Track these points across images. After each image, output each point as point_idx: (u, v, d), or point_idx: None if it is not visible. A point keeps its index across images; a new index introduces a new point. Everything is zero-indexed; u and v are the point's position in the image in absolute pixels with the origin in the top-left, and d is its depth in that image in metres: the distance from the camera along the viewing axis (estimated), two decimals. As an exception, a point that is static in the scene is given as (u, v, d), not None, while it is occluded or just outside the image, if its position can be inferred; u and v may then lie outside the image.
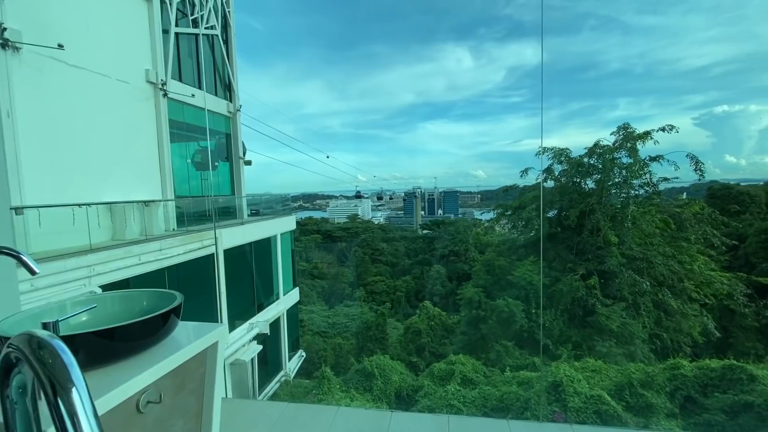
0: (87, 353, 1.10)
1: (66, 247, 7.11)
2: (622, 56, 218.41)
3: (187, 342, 1.34)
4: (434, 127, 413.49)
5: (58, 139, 7.73)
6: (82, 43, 8.26)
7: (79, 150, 8.16)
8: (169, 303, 1.34)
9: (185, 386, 1.33)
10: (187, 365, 1.32)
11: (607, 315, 14.72)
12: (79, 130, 8.14)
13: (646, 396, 8.83)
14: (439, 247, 48.78)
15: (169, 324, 1.32)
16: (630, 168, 16.85)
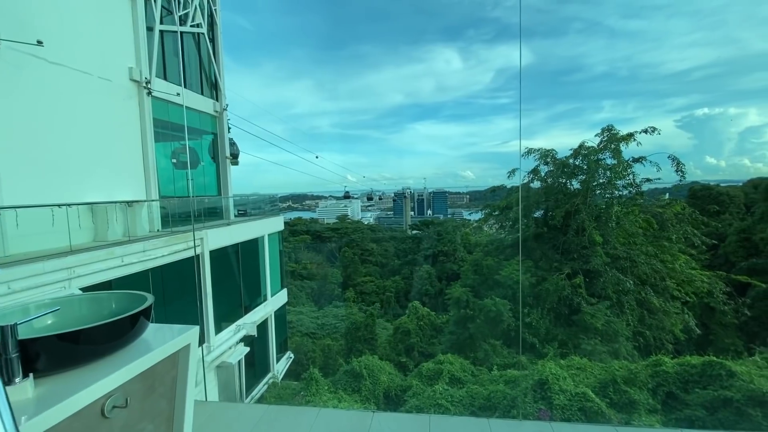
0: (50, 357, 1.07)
1: (45, 249, 6.94)
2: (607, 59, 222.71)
3: (156, 344, 1.31)
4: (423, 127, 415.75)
5: (37, 137, 7.53)
6: (63, 40, 8.07)
7: (60, 149, 7.97)
8: (138, 305, 1.32)
9: (155, 389, 1.31)
10: (158, 368, 1.29)
11: (592, 313, 14.96)
12: (59, 128, 7.94)
13: (629, 392, 8.99)
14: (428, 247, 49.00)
15: (138, 326, 1.29)
16: (614, 169, 17.18)
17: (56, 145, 7.89)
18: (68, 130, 8.14)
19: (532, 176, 19.82)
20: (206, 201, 12.70)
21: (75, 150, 8.32)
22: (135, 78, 10.00)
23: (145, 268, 8.55)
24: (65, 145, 8.07)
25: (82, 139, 8.45)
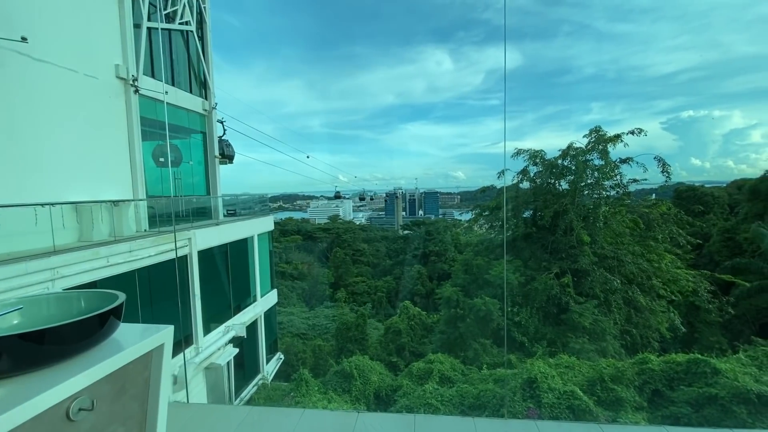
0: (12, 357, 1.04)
1: (28, 249, 6.79)
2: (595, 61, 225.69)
3: (127, 345, 1.28)
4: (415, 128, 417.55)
5: (20, 135, 7.37)
6: (48, 37, 7.91)
7: (44, 147, 7.81)
8: (109, 303, 1.28)
9: (126, 391, 1.27)
10: (128, 369, 1.26)
11: (580, 312, 15.14)
12: (43, 126, 7.78)
13: (616, 390, 9.11)
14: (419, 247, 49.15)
15: (107, 326, 1.26)
16: (601, 169, 17.41)
17: (40, 144, 7.73)
18: (53, 128, 7.98)
19: (521, 177, 19.99)
20: (194, 201, 12.55)
21: (60, 148, 8.15)
22: (122, 75, 9.84)
23: (131, 268, 8.42)
24: (50, 143, 7.91)
25: (67, 138, 8.29)
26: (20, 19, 7.24)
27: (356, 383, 11.56)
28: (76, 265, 6.99)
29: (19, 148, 7.34)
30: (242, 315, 13.15)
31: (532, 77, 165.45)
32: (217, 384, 11.64)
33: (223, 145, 14.11)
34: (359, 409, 5.71)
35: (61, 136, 8.15)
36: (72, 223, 7.98)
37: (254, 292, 14.34)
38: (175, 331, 6.20)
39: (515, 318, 15.92)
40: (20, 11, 7.32)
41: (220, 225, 12.20)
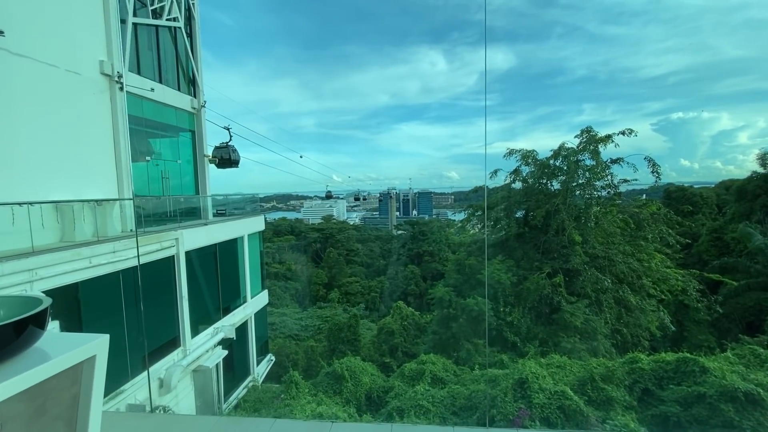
0: None
1: (5, 250, 6.58)
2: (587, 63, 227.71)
3: (48, 357, 1.13)
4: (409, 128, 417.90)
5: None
6: (28, 31, 7.69)
7: (23, 145, 7.58)
8: (29, 310, 1.14)
9: (47, 411, 1.13)
10: (50, 384, 1.11)
11: (572, 312, 15.18)
12: (22, 122, 7.56)
13: (607, 390, 9.11)
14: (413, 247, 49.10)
15: (25, 335, 1.11)
16: (592, 170, 17.49)
17: (19, 141, 7.50)
18: (32, 124, 7.76)
19: (513, 177, 20.01)
20: (182, 200, 12.33)
21: (39, 145, 7.92)
22: (106, 72, 9.62)
23: (115, 269, 8.23)
24: (28, 140, 7.68)
25: (47, 134, 8.06)
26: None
27: (347, 385, 11.44)
28: (55, 267, 6.79)
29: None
30: (232, 316, 12.96)
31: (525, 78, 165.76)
32: (205, 387, 11.44)
33: (230, 150, 13.92)
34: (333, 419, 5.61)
35: (40, 133, 7.92)
36: (52, 223, 7.76)
37: (244, 293, 14.15)
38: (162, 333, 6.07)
39: (507, 318, 15.92)
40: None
41: (209, 225, 12.00)
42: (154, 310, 9.62)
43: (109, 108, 9.76)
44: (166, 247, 9.87)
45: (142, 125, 11.20)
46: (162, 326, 9.87)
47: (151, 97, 11.20)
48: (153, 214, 10.97)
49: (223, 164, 13.91)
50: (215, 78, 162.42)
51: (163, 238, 9.75)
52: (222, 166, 13.95)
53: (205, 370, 11.04)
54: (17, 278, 6.20)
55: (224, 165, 13.94)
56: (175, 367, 9.76)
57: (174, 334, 10.20)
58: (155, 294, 9.71)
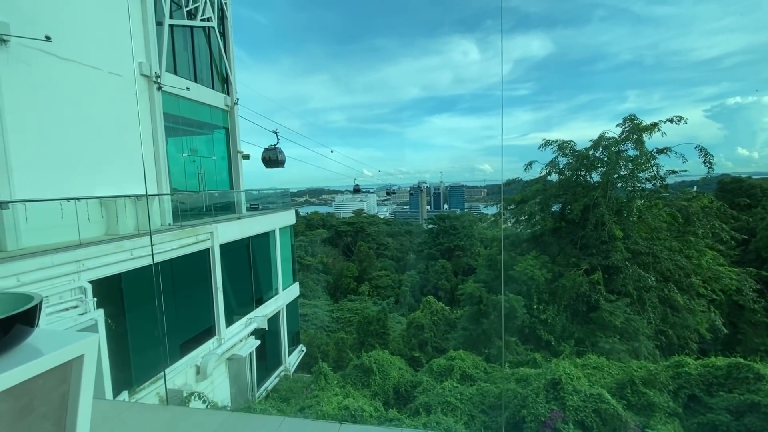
0: None
1: (56, 242, 7.06)
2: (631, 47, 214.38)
3: (35, 355, 1.14)
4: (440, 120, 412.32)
5: (48, 133, 7.65)
6: (73, 36, 8.16)
7: (71, 144, 8.09)
8: (19, 307, 1.15)
9: (34, 410, 1.13)
10: (37, 383, 1.12)
11: (611, 311, 14.43)
12: (70, 123, 8.06)
13: (648, 394, 8.60)
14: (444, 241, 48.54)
15: (12, 333, 1.12)
16: (636, 161, 16.42)
17: (67, 140, 8.01)
18: (79, 125, 8.25)
19: (549, 169, 19.20)
20: (216, 195, 12.77)
21: (86, 145, 8.43)
22: (145, 73, 10.08)
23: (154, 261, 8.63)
24: (76, 139, 8.18)
25: (92, 134, 8.56)
26: (45, 19, 7.47)
27: (375, 378, 11.49)
28: (100, 258, 7.22)
29: (47, 145, 7.62)
30: (264, 307, 13.35)
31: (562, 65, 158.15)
32: (239, 375, 11.89)
33: (277, 152, 14.70)
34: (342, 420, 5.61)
35: (87, 133, 8.41)
36: (97, 217, 8.24)
37: (276, 285, 14.53)
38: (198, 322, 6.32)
39: (541, 316, 15.38)
40: (45, 11, 7.55)
41: (242, 219, 12.37)
42: (191, 300, 10.06)
43: (148, 107, 10.22)
44: (202, 240, 10.27)
45: (179, 123, 11.66)
46: (198, 316, 10.32)
47: (187, 95, 11.63)
48: (190, 209, 11.45)
49: (271, 164, 14.78)
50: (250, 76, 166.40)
51: (199, 231, 10.15)
52: (269, 166, 14.83)
53: (239, 359, 11.46)
54: (66, 269, 6.65)
55: (271, 165, 14.80)
56: (211, 355, 10.19)
57: (210, 323, 10.64)
58: (192, 285, 10.15)
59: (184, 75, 11.68)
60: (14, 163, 6.95)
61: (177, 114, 11.52)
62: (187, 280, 9.90)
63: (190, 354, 9.70)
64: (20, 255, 6.16)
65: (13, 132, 6.95)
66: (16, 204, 6.66)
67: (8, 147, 6.87)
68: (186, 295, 9.80)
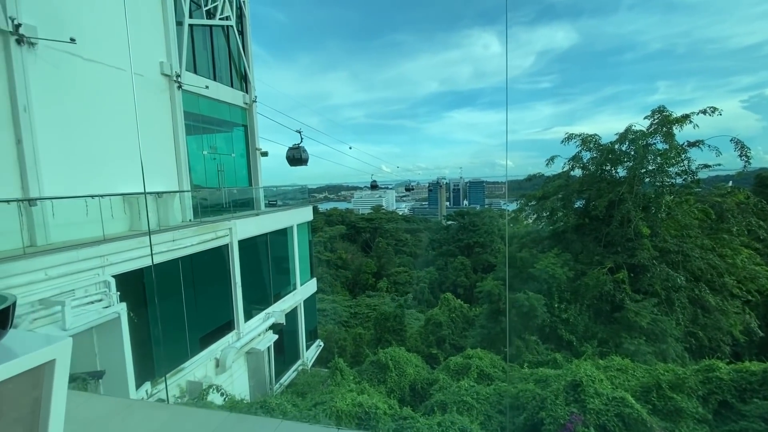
0: None
1: (80, 238, 7.32)
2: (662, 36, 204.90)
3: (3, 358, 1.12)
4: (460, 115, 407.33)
5: (74, 132, 7.92)
6: (97, 38, 8.39)
7: (96, 143, 8.35)
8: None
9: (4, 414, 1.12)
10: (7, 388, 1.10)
11: (637, 311, 13.90)
12: (94, 123, 8.31)
13: (675, 399, 8.24)
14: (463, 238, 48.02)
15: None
16: (665, 154, 15.68)
17: (93, 139, 8.27)
18: (103, 124, 8.50)
19: (572, 163, 18.61)
20: (235, 192, 12.98)
21: (110, 143, 8.68)
22: (166, 72, 10.29)
23: (174, 256, 8.85)
24: (101, 138, 8.44)
25: (116, 133, 8.80)
26: (70, 22, 7.70)
27: (391, 375, 11.47)
28: (123, 253, 7.44)
29: (73, 143, 7.88)
30: (282, 302, 13.53)
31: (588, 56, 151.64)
32: (258, 368, 12.11)
33: (301, 151, 15.18)
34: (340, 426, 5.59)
35: (111, 132, 8.66)
36: (120, 213, 8.49)
37: (294, 280, 14.69)
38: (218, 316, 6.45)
39: (562, 315, 14.98)
40: (70, 14, 7.78)
41: (260, 215, 12.53)
42: (211, 294, 10.28)
43: (169, 106, 10.45)
44: (221, 236, 10.45)
45: (199, 121, 11.89)
46: (218, 310, 10.54)
47: (206, 94, 11.83)
48: (210, 206, 11.68)
49: (295, 163, 15.28)
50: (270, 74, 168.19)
51: (218, 227, 10.33)
52: (293, 164, 15.33)
53: (258, 353, 11.65)
54: (91, 263, 6.88)
55: (295, 163, 15.29)
56: (230, 349, 10.40)
57: (229, 317, 10.86)
58: (211, 280, 10.36)
59: (203, 74, 11.88)
60: (43, 162, 7.23)
61: (197, 112, 11.74)
62: (207, 275, 10.12)
63: (210, 347, 9.93)
64: (48, 250, 6.41)
65: (42, 132, 7.22)
66: (44, 201, 6.93)
67: (37, 146, 7.15)
68: (206, 290, 10.01)
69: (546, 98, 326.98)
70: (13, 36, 6.65)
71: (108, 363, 6.95)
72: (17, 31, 6.73)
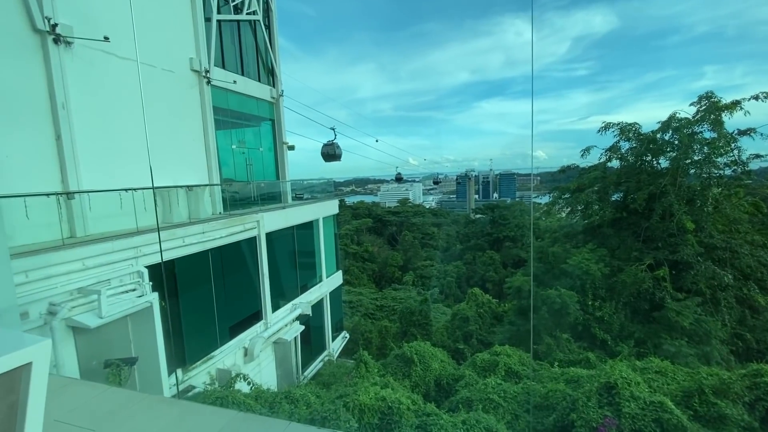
0: None
1: (115, 230, 7.63)
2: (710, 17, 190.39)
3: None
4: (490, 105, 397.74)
5: (109, 127, 8.23)
6: (129, 35, 8.64)
7: (129, 138, 8.64)
8: None
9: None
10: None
11: (679, 310, 13.09)
12: (128, 118, 8.60)
13: (719, 405, 7.69)
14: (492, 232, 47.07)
15: None
16: (713, 144, 14.56)
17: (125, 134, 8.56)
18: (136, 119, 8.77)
19: (609, 154, 17.68)
20: (263, 185, 13.19)
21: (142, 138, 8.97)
22: (195, 68, 10.51)
23: (204, 248, 9.09)
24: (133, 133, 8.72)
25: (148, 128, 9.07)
26: (104, 21, 7.96)
27: (416, 369, 11.38)
28: (155, 245, 7.69)
29: (109, 139, 8.20)
30: (308, 294, 13.70)
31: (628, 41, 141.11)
32: (285, 358, 12.36)
33: (335, 147, 15.66)
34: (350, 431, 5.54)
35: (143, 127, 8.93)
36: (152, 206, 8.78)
37: (320, 272, 14.84)
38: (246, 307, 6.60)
39: (596, 313, 14.35)
40: (103, 13, 8.04)
41: (287, 209, 12.68)
42: (239, 285, 10.52)
43: (198, 101, 10.69)
44: (249, 228, 10.65)
45: (227, 116, 12.12)
46: (246, 300, 10.78)
47: (234, 89, 12.02)
48: (239, 199, 11.93)
49: (329, 159, 15.77)
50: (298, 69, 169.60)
51: (246, 220, 10.53)
52: (328, 160, 15.84)
53: (285, 343, 11.87)
54: (125, 254, 7.16)
55: (330, 159, 15.79)
56: (258, 338, 10.64)
57: (257, 308, 11.09)
58: (240, 271, 10.60)
59: (231, 69, 12.07)
60: (81, 157, 7.57)
61: (225, 107, 11.97)
62: (236, 267, 10.35)
63: (239, 336, 10.19)
64: (85, 241, 6.71)
65: (79, 128, 7.54)
66: (81, 194, 7.26)
67: (75, 142, 7.48)
68: (234, 281, 10.25)
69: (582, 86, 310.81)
70: (50, 36, 6.94)
71: (141, 350, 7.25)
72: (54, 30, 7.02)
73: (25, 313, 5.63)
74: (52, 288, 5.95)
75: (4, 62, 6.56)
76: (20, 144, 6.76)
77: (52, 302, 5.93)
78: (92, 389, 2.42)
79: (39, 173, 7.04)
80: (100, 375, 6.61)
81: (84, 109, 7.67)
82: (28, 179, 6.83)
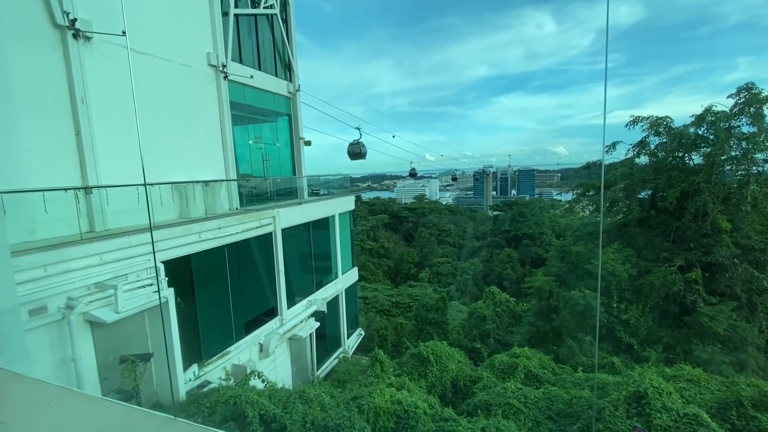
0: None
1: (132, 225, 7.62)
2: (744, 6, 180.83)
3: None
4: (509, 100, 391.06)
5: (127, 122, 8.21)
6: (148, 31, 8.62)
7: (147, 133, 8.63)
8: None
9: None
10: None
11: (712, 315, 12.41)
12: (146, 113, 8.59)
13: (760, 419, 7.19)
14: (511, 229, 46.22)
15: None
16: (753, 139, 13.68)
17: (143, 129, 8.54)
18: (153, 114, 8.77)
19: (637, 150, 16.90)
20: (279, 181, 13.10)
21: (161, 133, 8.97)
22: (212, 63, 10.44)
23: (220, 244, 9.04)
24: (151, 128, 8.71)
25: (166, 123, 9.07)
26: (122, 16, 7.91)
27: (432, 369, 11.15)
28: (171, 240, 7.66)
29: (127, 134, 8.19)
30: (324, 290, 13.60)
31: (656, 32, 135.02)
32: (300, 354, 12.31)
33: (360, 146, 16.24)
34: None
35: (160, 122, 8.93)
36: (169, 201, 8.78)
37: (335, 269, 14.72)
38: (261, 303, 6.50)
39: (622, 316, 13.76)
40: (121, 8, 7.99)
41: (303, 204, 12.57)
42: (255, 281, 10.47)
43: (215, 96, 10.63)
44: (265, 224, 10.57)
45: (244, 111, 12.05)
46: (261, 296, 10.74)
47: (251, 84, 11.93)
48: (256, 194, 11.87)
49: (355, 157, 16.38)
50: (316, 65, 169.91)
51: (262, 216, 10.45)
52: (354, 158, 16.46)
53: (300, 339, 11.81)
54: (142, 249, 7.13)
55: (355, 158, 16.39)
56: (273, 335, 10.59)
57: (272, 304, 11.04)
58: (255, 267, 10.54)
59: (248, 63, 11.98)
60: (100, 152, 7.58)
61: (242, 102, 11.89)
62: (251, 262, 10.30)
63: (254, 332, 10.15)
64: (103, 236, 6.71)
65: (98, 122, 7.54)
66: (100, 189, 7.27)
67: (95, 137, 7.49)
68: (250, 277, 10.21)
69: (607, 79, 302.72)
70: (70, 31, 6.93)
71: (158, 345, 7.24)
72: (73, 25, 7.01)
73: (44, 307, 5.65)
74: (70, 282, 5.96)
75: (25, 58, 6.58)
76: (41, 139, 6.79)
77: (70, 297, 5.95)
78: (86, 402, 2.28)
79: (59, 168, 7.07)
80: (116, 370, 6.64)
81: (103, 104, 7.67)
82: (48, 174, 6.86)
